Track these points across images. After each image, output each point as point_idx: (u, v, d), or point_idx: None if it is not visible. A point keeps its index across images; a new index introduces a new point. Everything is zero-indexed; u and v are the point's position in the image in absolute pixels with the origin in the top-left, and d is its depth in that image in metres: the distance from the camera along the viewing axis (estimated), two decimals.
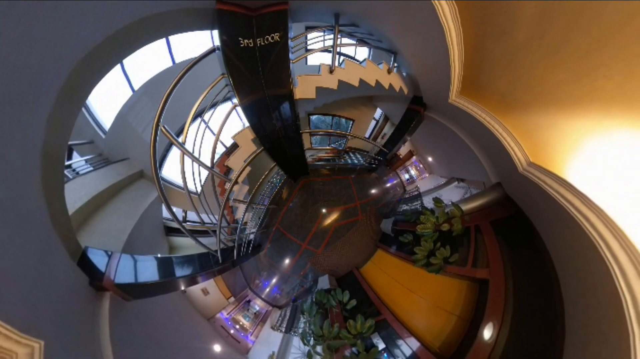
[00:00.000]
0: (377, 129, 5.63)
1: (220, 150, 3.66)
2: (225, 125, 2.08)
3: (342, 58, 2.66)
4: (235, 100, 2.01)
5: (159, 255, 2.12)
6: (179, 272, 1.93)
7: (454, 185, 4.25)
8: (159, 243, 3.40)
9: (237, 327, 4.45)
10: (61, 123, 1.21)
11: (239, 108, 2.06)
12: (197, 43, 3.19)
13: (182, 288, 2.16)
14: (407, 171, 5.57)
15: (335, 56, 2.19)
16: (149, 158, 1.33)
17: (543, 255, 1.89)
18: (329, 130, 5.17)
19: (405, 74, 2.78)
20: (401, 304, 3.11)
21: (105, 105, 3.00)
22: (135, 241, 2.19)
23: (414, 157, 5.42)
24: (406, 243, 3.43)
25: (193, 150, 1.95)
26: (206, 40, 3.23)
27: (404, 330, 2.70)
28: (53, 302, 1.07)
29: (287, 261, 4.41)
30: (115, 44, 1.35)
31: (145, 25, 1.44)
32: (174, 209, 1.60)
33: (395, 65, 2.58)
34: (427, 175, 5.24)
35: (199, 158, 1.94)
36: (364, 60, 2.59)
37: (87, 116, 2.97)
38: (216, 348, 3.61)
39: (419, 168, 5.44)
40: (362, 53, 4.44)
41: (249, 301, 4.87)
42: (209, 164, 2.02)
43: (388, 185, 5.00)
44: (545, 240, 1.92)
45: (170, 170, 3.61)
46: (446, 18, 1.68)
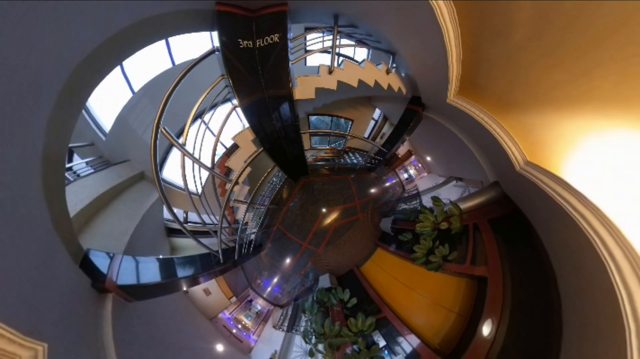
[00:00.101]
0: (376, 129, 5.64)
1: (220, 151, 3.65)
2: (225, 126, 2.07)
3: (341, 59, 2.65)
4: (235, 101, 2.00)
5: (160, 256, 2.12)
6: (181, 273, 1.93)
7: (452, 184, 4.28)
8: (161, 245, 3.39)
9: (239, 326, 4.47)
10: (61, 125, 1.20)
11: (239, 109, 2.05)
12: (197, 44, 3.17)
13: (184, 289, 2.16)
14: (406, 170, 5.60)
15: (335, 57, 2.18)
16: (150, 160, 1.33)
17: (540, 253, 1.91)
18: (328, 131, 5.18)
19: (403, 75, 2.78)
20: (401, 302, 3.13)
21: (106, 107, 2.98)
22: (136, 242, 2.18)
23: (413, 157, 5.46)
24: (405, 241, 3.45)
25: (193, 151, 1.94)
26: (206, 42, 3.22)
27: (404, 327, 2.72)
28: (56, 304, 1.06)
29: (288, 260, 4.42)
30: (115, 46, 1.34)
31: (145, 26, 1.43)
32: (175, 210, 1.60)
33: (394, 65, 2.58)
34: (426, 175, 5.28)
35: (200, 159, 1.93)
36: (363, 60, 2.58)
37: (88, 118, 2.95)
38: (219, 348, 3.62)
39: (417, 167, 5.47)
40: (361, 54, 4.45)
41: (251, 300, 4.88)
42: (209, 165, 2.02)
43: (387, 184, 5.02)
44: (542, 237, 1.94)
45: (171, 171, 3.60)
46: (444, 19, 1.68)
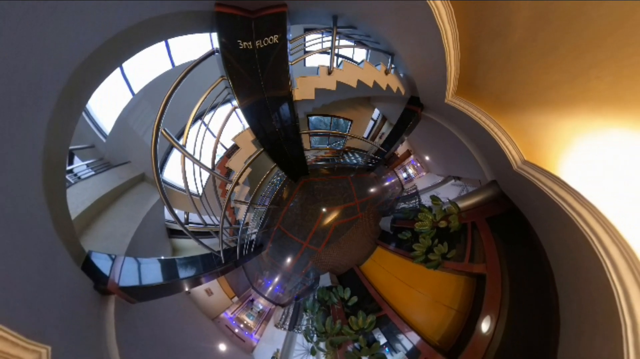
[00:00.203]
0: (375, 129, 5.65)
1: (220, 151, 3.63)
2: (226, 127, 2.06)
3: (341, 59, 2.65)
4: (234, 102, 1.99)
5: (162, 257, 2.12)
6: (183, 273, 1.92)
7: (450, 183, 4.31)
8: (162, 246, 3.38)
9: (242, 326, 4.48)
10: (62, 127, 1.18)
11: (239, 110, 2.04)
12: (196, 46, 3.15)
13: (186, 289, 2.15)
14: (405, 170, 5.63)
15: (334, 58, 2.18)
16: (150, 161, 1.32)
17: (538, 250, 1.92)
18: (327, 131, 5.18)
19: (402, 75, 2.78)
20: (401, 299, 3.15)
21: (106, 108, 2.96)
22: (138, 244, 2.17)
23: (412, 156, 5.48)
24: (405, 240, 3.46)
25: (194, 152, 1.93)
26: (205, 43, 3.20)
27: (405, 325, 2.73)
28: (58, 307, 1.05)
29: (289, 260, 4.42)
30: (114, 47, 1.33)
31: (144, 28, 1.42)
32: (176, 211, 1.59)
33: (393, 66, 2.58)
34: (425, 174, 5.30)
35: (200, 160, 1.92)
36: (362, 61, 2.58)
37: (88, 120, 2.93)
38: (221, 347, 3.63)
39: (416, 167, 5.50)
40: (360, 54, 4.44)
41: (253, 300, 4.89)
42: (209, 166, 2.01)
43: (386, 183, 5.03)
44: (539, 235, 1.95)
45: (172, 173, 3.58)
46: (442, 20, 1.68)
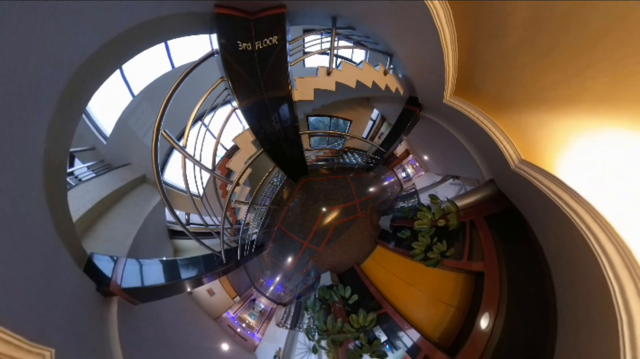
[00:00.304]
0: (374, 129, 5.65)
1: (221, 152, 3.62)
2: (226, 127, 2.06)
3: (340, 60, 2.66)
4: (234, 103, 1.99)
5: (164, 258, 2.11)
6: (185, 274, 1.92)
7: (449, 182, 4.32)
8: (164, 247, 3.37)
9: (244, 325, 4.48)
10: (62, 130, 1.17)
11: (239, 111, 2.04)
12: (196, 47, 3.14)
13: (188, 290, 2.15)
14: (404, 169, 5.63)
15: (333, 58, 2.18)
16: (151, 163, 1.32)
17: (535, 248, 1.94)
18: (327, 131, 5.18)
19: (401, 76, 2.79)
20: (401, 297, 3.17)
21: (106, 110, 2.94)
22: (140, 245, 2.17)
23: (411, 156, 5.49)
24: (404, 238, 3.48)
25: (194, 153, 1.92)
26: (205, 44, 3.18)
27: (405, 322, 2.75)
28: (61, 309, 1.05)
29: (290, 259, 4.43)
30: (114, 49, 1.32)
31: (144, 30, 1.41)
32: (177, 212, 1.59)
33: (391, 67, 2.58)
34: (423, 173, 5.32)
35: (200, 161, 1.92)
36: (361, 62, 2.57)
37: (88, 122, 2.90)
38: (224, 347, 3.63)
39: (415, 166, 5.51)
40: (359, 55, 4.44)
41: (254, 299, 4.88)
42: (210, 167, 2.01)
43: (386, 183, 5.04)
44: (537, 233, 1.97)
45: (172, 174, 3.56)
46: (441, 21, 1.69)
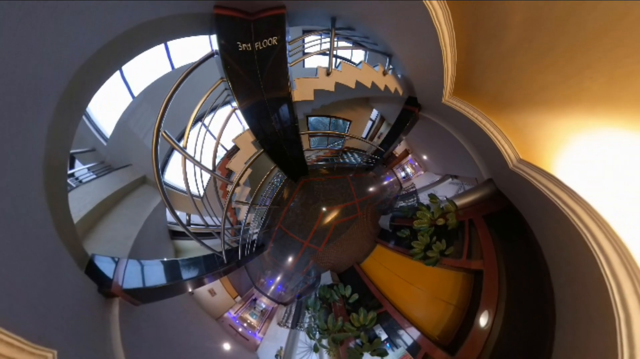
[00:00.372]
0: (374, 129, 5.66)
1: (221, 153, 3.61)
2: (226, 128, 2.05)
3: (339, 61, 2.65)
4: (234, 104, 1.98)
5: (165, 259, 2.10)
6: (186, 275, 1.92)
7: (448, 181, 4.32)
8: (165, 247, 3.36)
9: (245, 325, 4.47)
10: (62, 132, 1.17)
11: (239, 112, 2.03)
12: (196, 48, 3.12)
13: (190, 290, 2.14)
14: (403, 169, 5.64)
15: (332, 59, 2.17)
16: (151, 164, 1.31)
17: (533, 246, 1.95)
18: (327, 131, 5.18)
19: (400, 76, 2.79)
20: (401, 296, 3.18)
21: (106, 112, 2.92)
22: (141, 246, 2.16)
23: (410, 156, 5.49)
24: (404, 238, 3.49)
25: (194, 154, 1.92)
26: (205, 45, 3.17)
27: (405, 321, 2.76)
28: (63, 311, 1.05)
29: (290, 259, 4.43)
30: (114, 51, 1.31)
31: (143, 31, 1.40)
32: (178, 213, 1.58)
33: (391, 67, 2.58)
34: (423, 173, 5.32)
35: (201, 161, 1.91)
36: (360, 62, 2.57)
37: (88, 124, 2.89)
38: (226, 347, 3.63)
39: (414, 166, 5.51)
40: (358, 56, 4.43)
41: (255, 299, 4.88)
42: (210, 167, 2.00)
43: (385, 183, 5.05)
44: (535, 232, 1.98)
45: (173, 175, 3.55)
46: (439, 22, 1.69)
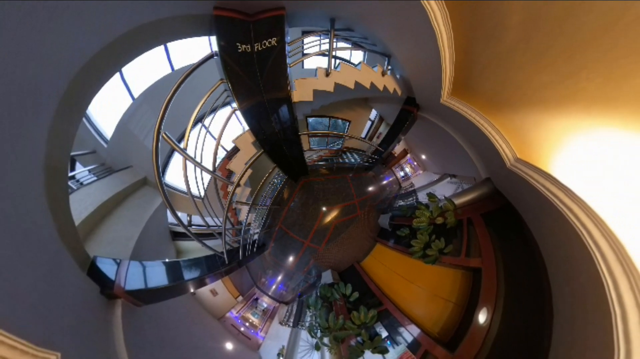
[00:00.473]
0: (373, 129, 5.67)
1: (221, 154, 3.60)
2: (226, 129, 2.05)
3: (338, 61, 2.64)
4: (234, 105, 1.98)
5: (166, 260, 2.10)
6: (188, 275, 1.91)
7: (446, 180, 4.33)
8: (166, 248, 3.35)
9: (247, 324, 4.48)
10: (62, 134, 1.16)
11: (239, 113, 2.03)
12: (195, 49, 3.10)
13: (192, 291, 2.14)
14: (402, 168, 5.65)
15: (331, 60, 2.17)
16: (152, 165, 1.30)
17: (531, 244, 1.96)
18: (326, 131, 5.18)
19: (398, 76, 2.79)
20: (401, 294, 3.19)
21: (106, 114, 2.90)
22: (142, 247, 2.15)
23: (409, 155, 5.50)
24: (403, 236, 3.50)
25: (195, 155, 1.91)
26: (204, 46, 3.15)
27: (405, 318, 2.77)
28: (66, 313, 1.04)
29: (291, 258, 4.44)
30: (113, 53, 1.30)
31: (143, 32, 1.39)
32: (179, 214, 1.58)
33: (389, 67, 2.58)
34: (421, 172, 5.33)
35: (201, 162, 1.90)
36: (359, 63, 2.58)
37: (88, 126, 2.86)
38: (228, 346, 3.64)
39: (413, 165, 5.52)
40: (357, 56, 4.43)
41: (257, 299, 4.89)
42: (211, 168, 1.99)
43: (384, 182, 5.06)
44: (532, 230, 1.99)
45: (174, 176, 3.53)
46: (438, 23, 1.69)
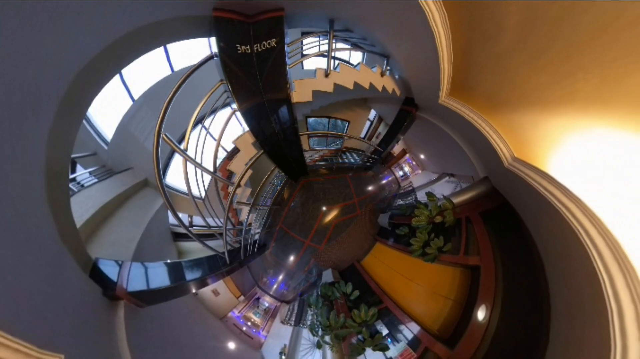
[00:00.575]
0: (372, 129, 5.67)
1: (221, 154, 3.58)
2: (226, 130, 2.04)
3: (337, 62, 2.63)
4: (234, 106, 1.97)
5: (168, 261, 2.09)
6: (189, 276, 1.90)
7: (445, 180, 4.35)
8: (168, 249, 3.34)
9: (249, 324, 4.47)
10: (63, 136, 1.15)
11: (239, 114, 2.02)
12: (195, 50, 3.08)
13: (194, 291, 2.13)
14: (401, 168, 5.65)
15: (331, 60, 2.16)
16: (153, 167, 1.29)
17: (528, 242, 1.98)
18: (326, 132, 5.17)
19: (397, 77, 2.79)
20: (401, 292, 3.20)
21: (106, 116, 2.88)
22: (144, 249, 2.14)
23: (407, 155, 5.51)
24: (402, 235, 3.51)
25: (195, 156, 1.90)
26: (204, 48, 3.13)
27: (405, 316, 2.78)
28: (69, 315, 1.03)
29: (292, 258, 4.44)
30: (113, 54, 1.29)
31: (142, 34, 1.38)
32: (180, 215, 1.57)
33: (388, 68, 2.58)
34: (420, 171, 5.34)
35: (202, 163, 1.89)
36: (358, 64, 2.58)
37: (89, 128, 2.84)
38: (231, 346, 3.63)
39: (412, 165, 5.53)
40: (356, 57, 4.43)
41: (258, 298, 4.88)
42: (211, 169, 1.98)
43: (384, 181, 5.06)
44: (530, 228, 2.00)
45: (174, 177, 3.52)
46: (436, 24, 1.69)
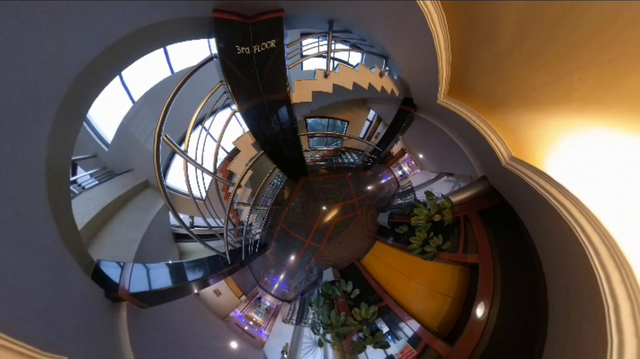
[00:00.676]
0: (371, 129, 5.67)
1: (222, 155, 3.57)
2: (226, 131, 2.03)
3: (336, 63, 2.64)
4: (234, 107, 1.96)
5: (170, 262, 2.08)
6: (191, 276, 1.90)
7: (443, 179, 4.36)
8: (169, 250, 3.33)
9: (251, 323, 4.47)
10: (63, 138, 1.14)
11: (239, 114, 2.01)
12: (195, 52, 3.06)
13: (195, 291, 2.13)
14: (400, 167, 5.67)
15: (330, 61, 2.16)
16: (153, 168, 1.28)
17: (526, 240, 1.99)
18: (325, 132, 5.17)
19: (396, 77, 2.79)
20: (401, 290, 3.21)
21: (106, 117, 2.86)
22: (145, 250, 2.13)
23: (406, 155, 5.52)
24: (402, 234, 3.52)
25: (196, 157, 1.89)
26: (204, 49, 3.12)
27: (405, 314, 2.80)
28: (71, 317, 1.03)
29: (293, 257, 4.44)
30: (113, 56, 1.28)
31: (142, 35, 1.37)
32: (181, 216, 1.56)
33: (387, 69, 2.58)
34: (419, 171, 5.36)
35: (202, 164, 1.89)
36: (357, 64, 2.57)
37: (89, 130, 2.82)
38: (233, 345, 3.63)
39: (411, 164, 5.54)
40: (355, 58, 4.42)
41: (260, 298, 4.88)
42: (211, 170, 1.98)
43: (383, 181, 5.07)
44: (527, 226, 2.02)
45: (175, 178, 3.50)
46: (435, 24, 1.69)
